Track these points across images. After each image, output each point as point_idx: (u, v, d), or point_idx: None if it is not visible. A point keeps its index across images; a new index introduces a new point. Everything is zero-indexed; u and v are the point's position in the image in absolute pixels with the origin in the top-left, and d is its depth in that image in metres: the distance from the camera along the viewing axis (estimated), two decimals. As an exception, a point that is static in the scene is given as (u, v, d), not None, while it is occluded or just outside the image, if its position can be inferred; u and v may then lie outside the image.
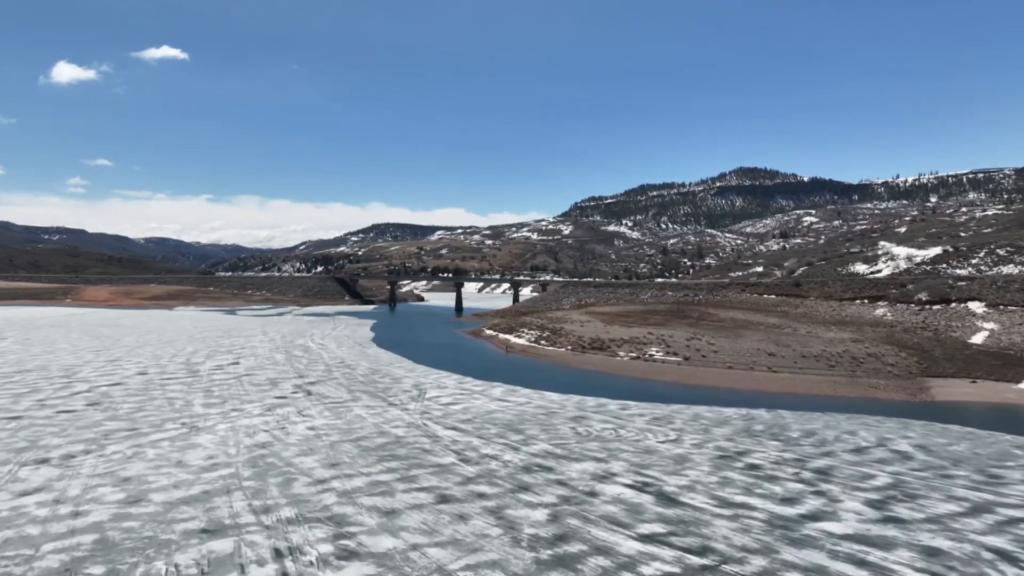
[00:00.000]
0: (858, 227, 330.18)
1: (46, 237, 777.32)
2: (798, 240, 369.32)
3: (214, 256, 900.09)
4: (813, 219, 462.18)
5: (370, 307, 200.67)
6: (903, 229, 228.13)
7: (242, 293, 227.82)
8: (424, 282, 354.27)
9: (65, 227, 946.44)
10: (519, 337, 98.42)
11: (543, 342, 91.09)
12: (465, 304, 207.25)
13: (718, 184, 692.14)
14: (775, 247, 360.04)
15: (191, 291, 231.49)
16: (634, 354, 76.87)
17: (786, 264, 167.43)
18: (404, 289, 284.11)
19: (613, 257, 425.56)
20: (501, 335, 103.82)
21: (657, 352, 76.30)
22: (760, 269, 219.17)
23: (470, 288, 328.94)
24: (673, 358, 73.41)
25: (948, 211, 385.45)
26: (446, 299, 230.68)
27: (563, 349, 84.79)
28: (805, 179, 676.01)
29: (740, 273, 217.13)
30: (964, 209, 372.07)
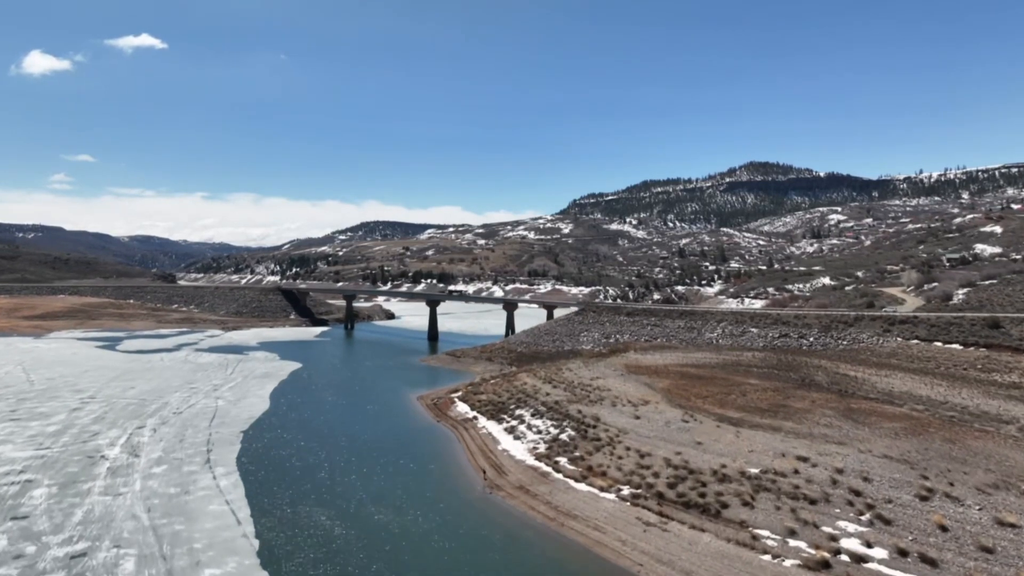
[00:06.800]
0: (910, 227, 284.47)
1: (20, 235, 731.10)
2: (834, 240, 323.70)
3: (197, 255, 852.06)
4: (840, 217, 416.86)
5: (318, 330, 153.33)
6: (998, 229, 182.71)
7: (164, 308, 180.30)
8: (406, 287, 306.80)
9: (42, 224, 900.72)
10: (515, 434, 51.96)
11: (563, 459, 44.64)
12: (444, 325, 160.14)
13: (727, 180, 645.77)
14: (809, 248, 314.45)
15: (101, 305, 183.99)
16: (803, 544, 30.59)
17: (907, 278, 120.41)
18: (376, 301, 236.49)
19: (620, 259, 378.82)
20: (481, 421, 57.32)
21: (868, 546, 29.96)
22: (828, 280, 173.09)
23: (458, 295, 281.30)
24: (931, 579, 27.05)
25: (995, 207, 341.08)
26: (422, 315, 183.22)
27: (612, 496, 38.43)
28: (821, 175, 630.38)
29: (805, 286, 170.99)
30: (1013, 205, 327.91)
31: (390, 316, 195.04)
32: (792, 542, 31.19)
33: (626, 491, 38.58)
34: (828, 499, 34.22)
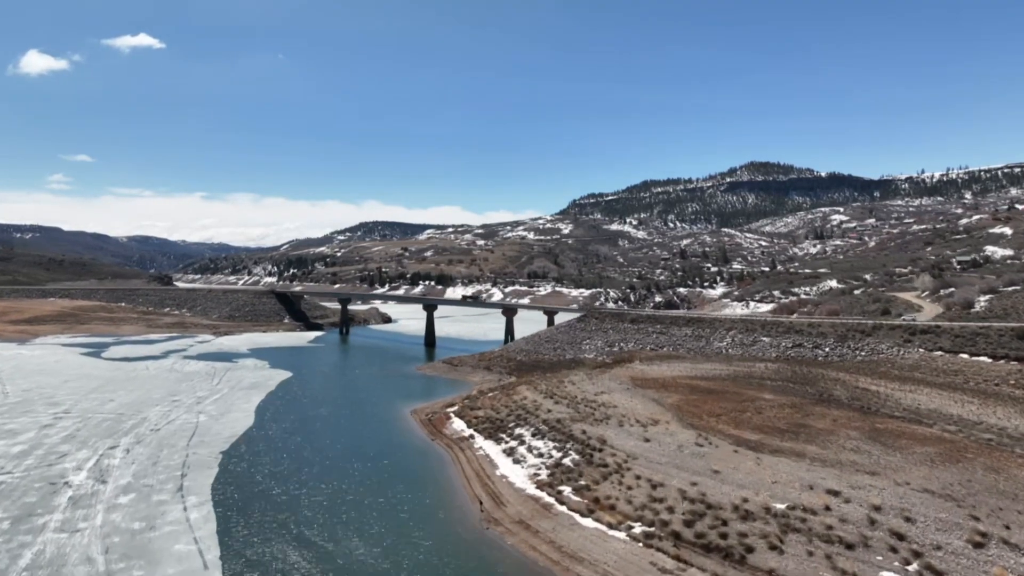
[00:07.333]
0: (915, 227, 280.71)
1: (18, 236, 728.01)
2: (837, 241, 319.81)
3: (196, 255, 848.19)
4: (842, 217, 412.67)
5: (312, 335, 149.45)
6: (1007, 230, 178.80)
7: (156, 312, 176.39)
8: (404, 289, 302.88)
9: (39, 225, 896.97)
10: (515, 458, 48.13)
11: (567, 489, 40.81)
12: (443, 329, 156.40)
13: (728, 180, 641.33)
14: (813, 249, 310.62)
15: (91, 309, 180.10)
16: (843, 599, 26.73)
17: (924, 281, 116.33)
18: (372, 304, 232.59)
19: (620, 260, 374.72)
20: (478, 441, 53.51)
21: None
22: (835, 284, 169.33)
23: (455, 296, 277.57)
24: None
25: (1000, 207, 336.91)
26: (419, 319, 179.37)
27: (622, 535, 34.62)
28: (822, 174, 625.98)
29: (812, 289, 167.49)
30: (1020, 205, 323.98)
31: (387, 320, 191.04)
32: (830, 597, 27.34)
33: (638, 529, 34.73)
34: (867, 543, 30.37)
